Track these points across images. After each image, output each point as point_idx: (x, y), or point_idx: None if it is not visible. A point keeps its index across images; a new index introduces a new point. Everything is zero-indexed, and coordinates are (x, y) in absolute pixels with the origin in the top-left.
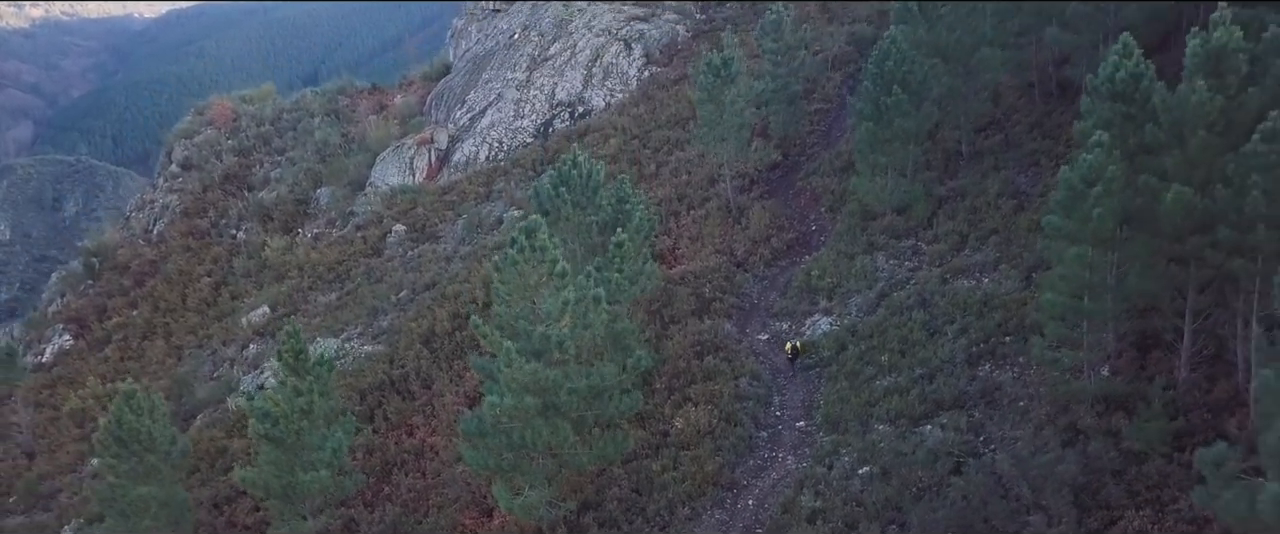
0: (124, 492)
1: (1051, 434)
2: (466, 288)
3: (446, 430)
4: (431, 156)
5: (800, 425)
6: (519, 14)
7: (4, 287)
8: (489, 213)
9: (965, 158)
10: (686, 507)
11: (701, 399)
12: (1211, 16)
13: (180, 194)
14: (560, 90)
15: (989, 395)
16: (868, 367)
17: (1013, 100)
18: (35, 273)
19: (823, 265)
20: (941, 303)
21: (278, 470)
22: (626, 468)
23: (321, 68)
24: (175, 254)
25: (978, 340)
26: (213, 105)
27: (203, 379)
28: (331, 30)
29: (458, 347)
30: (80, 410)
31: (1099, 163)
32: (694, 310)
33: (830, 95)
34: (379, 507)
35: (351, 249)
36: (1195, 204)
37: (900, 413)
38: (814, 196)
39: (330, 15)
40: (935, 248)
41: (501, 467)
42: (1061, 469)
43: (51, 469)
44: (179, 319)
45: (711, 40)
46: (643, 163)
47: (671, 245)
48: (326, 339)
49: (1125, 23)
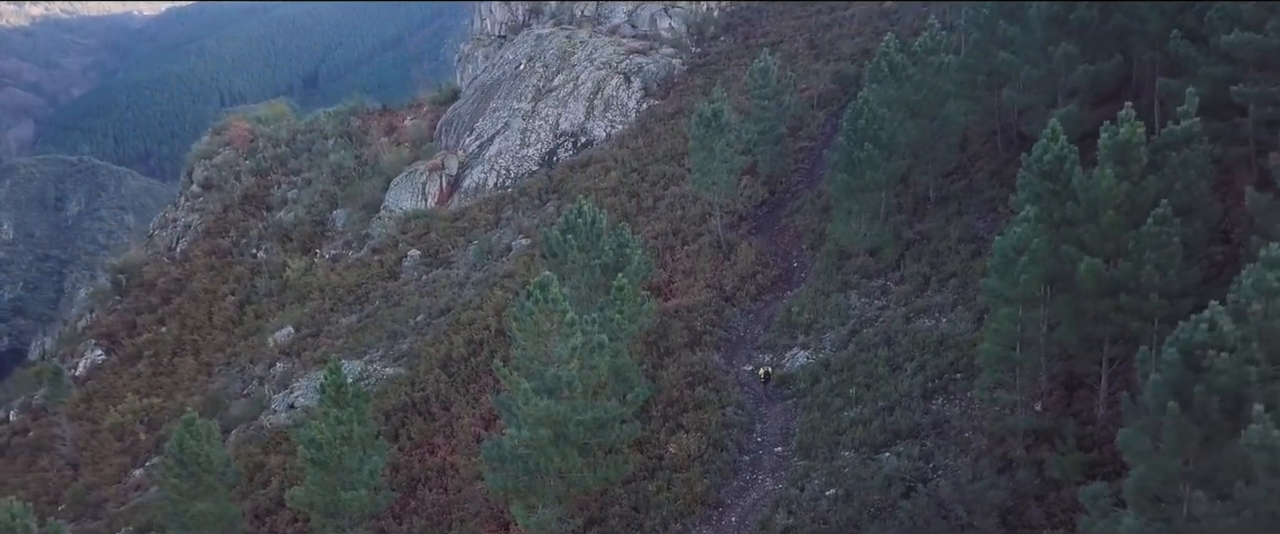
0: (185, 507)
1: (987, 463)
2: (480, 315)
3: (465, 450)
4: (442, 182)
5: (778, 450)
6: (524, 44)
7: (7, 286)
8: (499, 240)
9: (933, 202)
10: (678, 523)
11: (692, 426)
12: (1119, 113)
13: (202, 213)
14: (564, 121)
15: (939, 427)
16: (837, 398)
17: (978, 146)
18: (38, 272)
19: (802, 302)
20: (904, 341)
21: (323, 490)
22: (626, 488)
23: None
24: (200, 273)
25: (933, 376)
26: (230, 126)
27: (234, 396)
28: (332, 29)
29: (474, 371)
30: (119, 425)
31: (1026, 235)
32: (686, 343)
33: (815, 133)
34: (407, 519)
35: (369, 272)
36: (1104, 273)
37: (863, 441)
38: (796, 235)
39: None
40: (901, 288)
41: (518, 488)
42: (992, 494)
43: (97, 481)
44: (206, 337)
45: (706, 74)
46: (641, 196)
47: (667, 279)
48: (350, 361)
49: (1073, 85)
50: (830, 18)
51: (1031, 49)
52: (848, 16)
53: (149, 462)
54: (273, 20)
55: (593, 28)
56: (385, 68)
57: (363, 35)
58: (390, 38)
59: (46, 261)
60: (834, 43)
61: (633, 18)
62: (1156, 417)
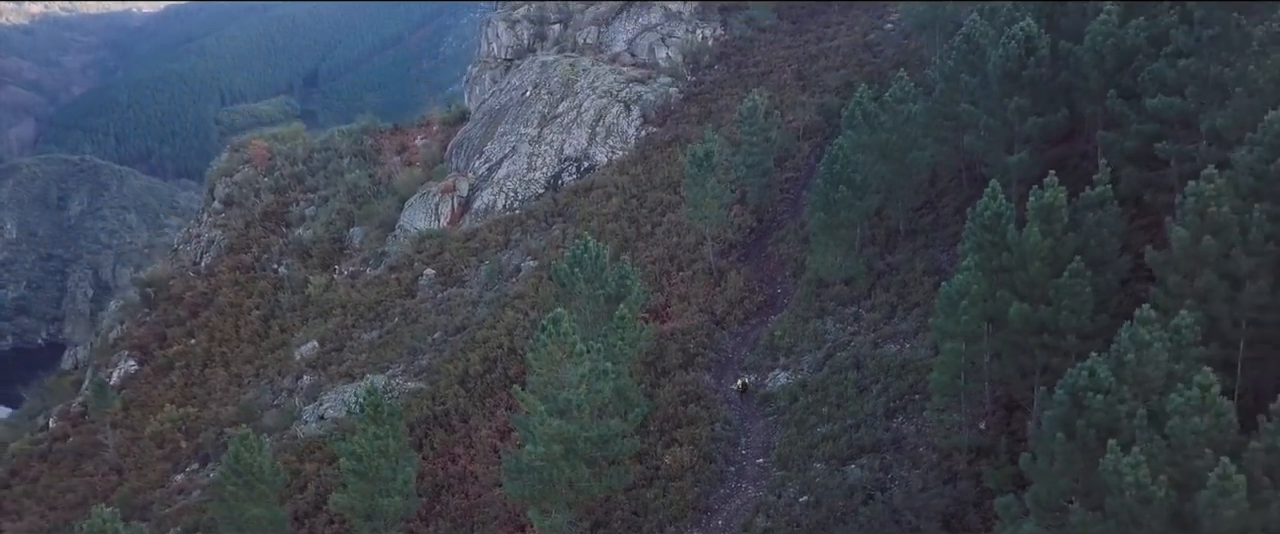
0: (240, 511)
1: (935, 475)
2: (494, 334)
3: (484, 459)
4: (454, 203)
5: (760, 462)
6: (530, 70)
7: (10, 285)
8: (508, 261)
9: (903, 234)
10: (672, 526)
11: (685, 440)
12: (1045, 180)
13: (224, 229)
14: (568, 146)
15: (897, 443)
16: (812, 416)
17: (946, 182)
18: (41, 271)
19: (784, 327)
20: (871, 365)
21: (362, 497)
22: (627, 495)
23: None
24: (225, 287)
25: (894, 398)
26: (250, 145)
27: (265, 407)
28: (331, 27)
29: (489, 387)
30: (159, 433)
31: (967, 282)
32: (681, 364)
33: (800, 164)
34: (433, 522)
35: (387, 290)
36: (1031, 315)
37: (832, 455)
38: (781, 262)
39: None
40: (871, 316)
41: (534, 496)
42: (937, 502)
43: (142, 485)
44: (234, 349)
45: (701, 103)
46: (640, 222)
47: (664, 302)
48: (374, 375)
49: (1025, 134)
50: (817, 49)
51: (989, 100)
52: (834, 48)
53: (189, 467)
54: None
55: (595, 55)
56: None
57: (362, 34)
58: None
59: (49, 261)
60: (819, 75)
61: (632, 46)
62: (1050, 444)
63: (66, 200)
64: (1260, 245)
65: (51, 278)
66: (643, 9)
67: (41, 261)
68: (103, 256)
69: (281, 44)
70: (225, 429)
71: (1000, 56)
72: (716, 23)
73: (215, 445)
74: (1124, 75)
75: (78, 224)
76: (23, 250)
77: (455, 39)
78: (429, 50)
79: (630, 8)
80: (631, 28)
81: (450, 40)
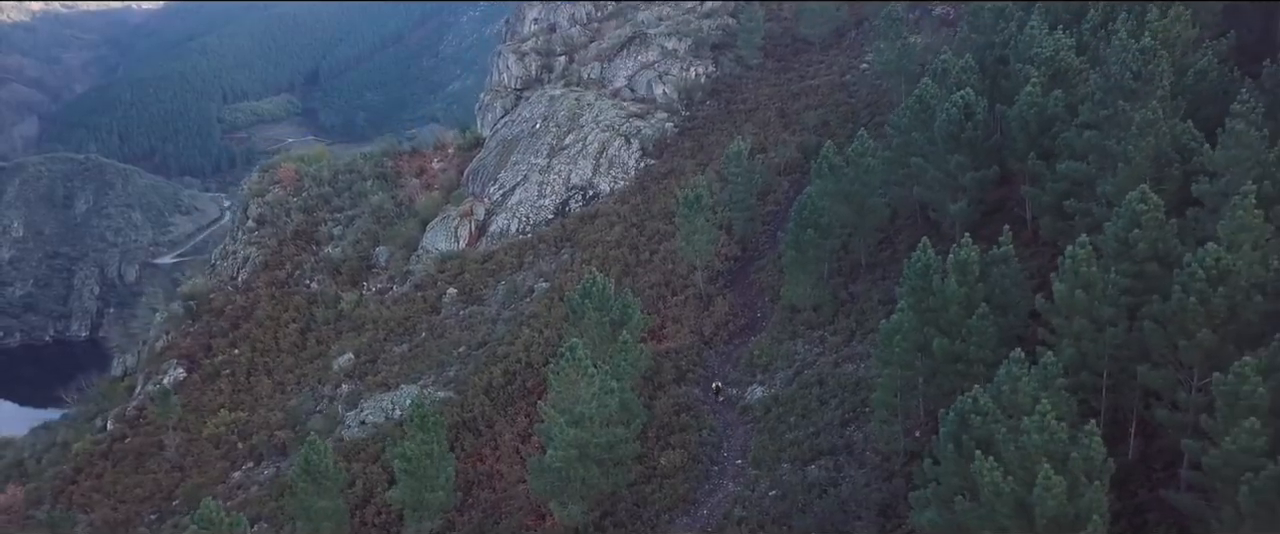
0: (310, 503)
1: (876, 474)
2: (513, 349)
3: (508, 459)
4: (472, 226)
5: (738, 462)
6: (539, 103)
7: (18, 282)
8: (523, 281)
9: (865, 267)
10: (666, 515)
11: (677, 445)
12: (962, 240)
13: (258, 246)
14: (574, 176)
15: (849, 448)
16: (782, 424)
17: (903, 220)
18: (48, 269)
19: (761, 347)
20: (831, 382)
21: (412, 492)
22: (630, 491)
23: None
24: (263, 302)
25: (849, 410)
26: (279, 167)
27: (309, 412)
28: (332, 25)
29: (510, 397)
30: (216, 435)
31: (901, 321)
32: (674, 379)
33: (780, 198)
34: (467, 513)
35: (414, 307)
36: (950, 348)
37: (796, 457)
38: (761, 289)
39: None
40: (834, 339)
41: (554, 491)
42: (876, 495)
43: (204, 481)
44: (275, 359)
45: (693, 137)
46: (640, 249)
47: (660, 324)
48: (408, 386)
49: (964, 185)
50: (799, 87)
51: (935, 156)
52: (814, 87)
53: (245, 466)
54: (273, 17)
55: (598, 90)
56: (385, 64)
57: (363, 32)
58: (390, 34)
59: (56, 259)
60: (800, 113)
61: (632, 82)
62: (944, 453)
63: (72, 199)
64: (1116, 298)
65: (58, 275)
66: (641, 47)
67: (48, 259)
68: (109, 254)
69: (283, 42)
70: (275, 432)
71: (944, 119)
72: (708, 60)
73: (268, 446)
74: (1045, 138)
75: (84, 222)
76: (30, 248)
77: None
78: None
79: (630, 45)
80: (631, 65)
81: (450, 38)
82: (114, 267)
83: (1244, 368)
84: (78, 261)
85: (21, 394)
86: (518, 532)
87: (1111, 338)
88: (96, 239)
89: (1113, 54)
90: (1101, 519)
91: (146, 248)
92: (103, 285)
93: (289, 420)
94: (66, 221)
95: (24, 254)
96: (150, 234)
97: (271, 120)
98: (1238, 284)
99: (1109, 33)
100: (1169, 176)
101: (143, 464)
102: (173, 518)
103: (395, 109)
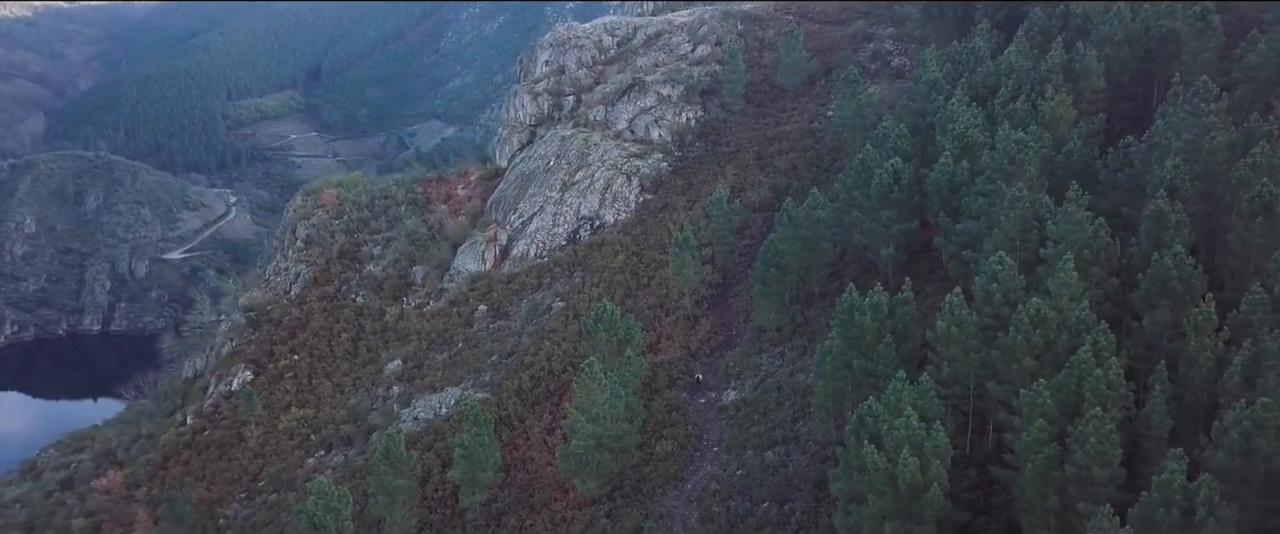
0: (389, 482)
1: (814, 459)
2: (537, 359)
3: (537, 448)
4: (496, 250)
5: (715, 450)
6: (552, 142)
7: (32, 277)
8: (542, 300)
9: (817, 296)
10: (660, 489)
11: (669, 436)
12: (874, 288)
13: (308, 264)
14: (583, 208)
15: (796, 439)
16: (748, 421)
17: (850, 258)
18: (60, 265)
19: (736, 359)
20: (786, 388)
21: (466, 472)
22: (633, 471)
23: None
24: (316, 313)
25: (797, 410)
26: (322, 193)
27: (367, 410)
28: (333, 22)
29: (537, 398)
30: (290, 428)
31: (831, 345)
32: (667, 385)
33: (755, 233)
34: (508, 489)
35: (450, 321)
36: (866, 367)
37: (758, 445)
38: (737, 312)
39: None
40: (791, 354)
41: (577, 472)
42: (813, 474)
43: (283, 466)
44: (332, 364)
45: (684, 176)
46: (639, 275)
47: (656, 339)
48: (451, 388)
49: (892, 236)
50: (773, 132)
51: (871, 210)
52: (786, 133)
53: (317, 454)
54: (275, 13)
55: (603, 131)
56: (386, 61)
57: (364, 28)
58: (391, 31)
59: (68, 254)
60: (773, 157)
61: (632, 125)
62: (849, 442)
63: (83, 195)
64: (979, 333)
65: (70, 271)
66: (640, 93)
67: (60, 255)
68: (119, 250)
69: (285, 39)
70: (341, 426)
71: (878, 182)
72: (698, 106)
73: (336, 438)
74: (953, 200)
75: (94, 218)
76: (42, 244)
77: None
78: (429, 45)
79: (630, 91)
80: (631, 109)
81: (449, 35)
82: (124, 262)
83: (1040, 386)
84: (89, 257)
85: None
86: (548, 502)
87: (975, 361)
88: (107, 235)
89: (999, 141)
90: (940, 486)
91: (156, 243)
92: (114, 280)
93: (351, 417)
94: (77, 218)
95: (37, 250)
96: (159, 230)
97: (275, 117)
98: (1052, 327)
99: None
100: (1029, 239)
101: (226, 452)
102: (260, 497)
103: (396, 105)
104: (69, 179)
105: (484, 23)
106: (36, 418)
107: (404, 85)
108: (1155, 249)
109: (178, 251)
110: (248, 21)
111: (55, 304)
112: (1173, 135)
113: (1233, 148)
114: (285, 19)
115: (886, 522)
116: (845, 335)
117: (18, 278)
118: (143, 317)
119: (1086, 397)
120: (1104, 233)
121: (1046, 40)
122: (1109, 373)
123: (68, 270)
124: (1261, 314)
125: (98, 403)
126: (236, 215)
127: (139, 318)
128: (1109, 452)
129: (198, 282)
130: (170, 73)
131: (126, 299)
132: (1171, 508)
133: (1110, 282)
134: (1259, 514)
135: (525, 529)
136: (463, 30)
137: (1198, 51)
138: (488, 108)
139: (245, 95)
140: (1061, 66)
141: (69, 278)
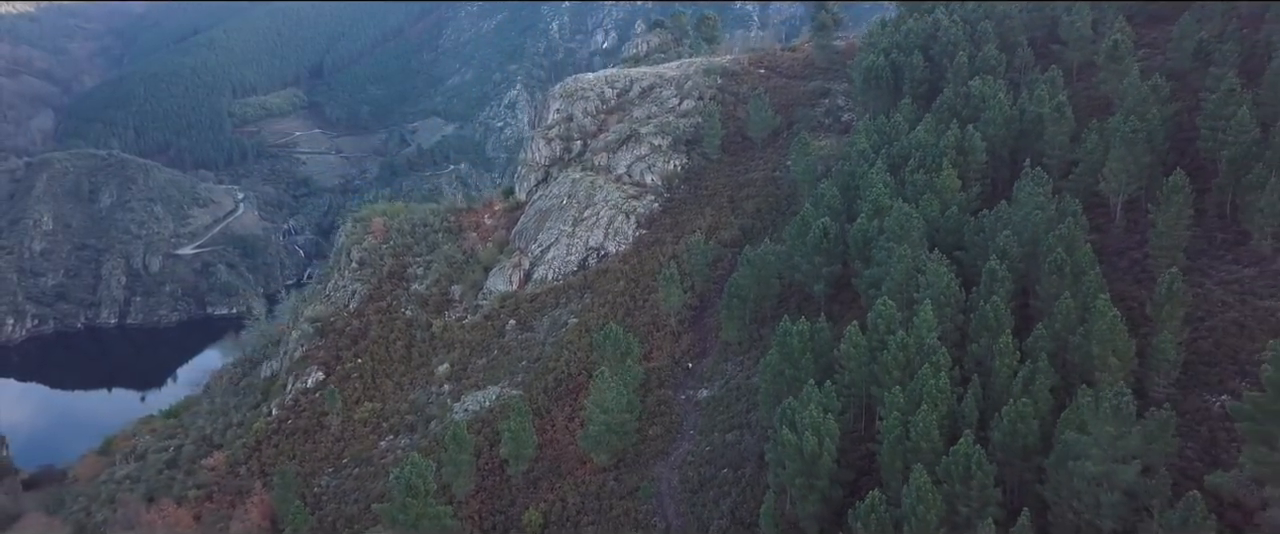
0: (455, 456)
1: (760, 439)
2: (557, 364)
3: (562, 431)
4: (520, 274)
5: (692, 433)
6: (564, 183)
7: (50, 273)
8: (559, 317)
9: (769, 318)
10: (653, 461)
11: (659, 424)
12: (799, 319)
13: (362, 282)
14: (591, 240)
15: (749, 425)
16: (716, 412)
17: (792, 291)
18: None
19: (709, 367)
20: (744, 389)
21: (513, 450)
22: (633, 448)
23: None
24: (373, 325)
25: (751, 404)
26: (371, 220)
27: (425, 403)
28: (334, 20)
29: (560, 395)
30: (365, 419)
31: (770, 360)
32: (657, 385)
33: (725, 267)
34: (540, 461)
35: (486, 333)
36: (794, 377)
37: (724, 429)
38: (711, 329)
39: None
40: (748, 363)
41: (593, 448)
42: (757, 448)
43: (362, 448)
44: (390, 367)
45: (672, 215)
46: (636, 298)
47: (649, 351)
48: (492, 386)
49: (822, 275)
50: (743, 179)
51: (807, 257)
52: (753, 179)
53: (388, 438)
54: (276, 12)
55: (606, 175)
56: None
57: (365, 26)
58: (391, 29)
59: (84, 250)
60: (742, 201)
61: (630, 170)
62: (777, 426)
63: (97, 193)
64: (870, 353)
65: (87, 266)
66: (635, 143)
67: (77, 251)
68: (133, 246)
69: (287, 37)
70: (405, 416)
71: (813, 236)
72: (683, 154)
73: (402, 426)
74: (867, 250)
75: (109, 215)
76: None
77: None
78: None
79: (628, 142)
80: (629, 157)
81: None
82: (139, 257)
83: (897, 390)
84: (104, 253)
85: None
86: (572, 471)
87: (865, 373)
88: (121, 231)
89: (893, 211)
90: (830, 456)
91: (168, 239)
92: (129, 275)
93: (413, 409)
94: (93, 215)
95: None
96: (171, 226)
97: (279, 114)
98: (911, 351)
99: (916, 179)
100: (910, 284)
101: (311, 437)
102: (345, 471)
103: (397, 102)
104: (84, 177)
105: (482, 21)
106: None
107: (404, 82)
108: (986, 297)
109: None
110: (249, 19)
111: (73, 298)
112: (1012, 210)
113: (1049, 222)
114: (287, 17)
115: (797, 478)
116: (780, 351)
117: (37, 273)
118: (157, 310)
119: (924, 397)
120: (954, 284)
121: (950, 117)
122: (939, 382)
123: (84, 266)
124: (1042, 344)
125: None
126: (244, 211)
127: (154, 311)
128: (933, 432)
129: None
130: (176, 71)
131: (141, 293)
132: (960, 465)
133: (958, 317)
134: (1017, 471)
135: (555, 489)
136: (461, 28)
137: (1055, 134)
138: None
139: (249, 93)
140: (955, 143)
141: (86, 273)
